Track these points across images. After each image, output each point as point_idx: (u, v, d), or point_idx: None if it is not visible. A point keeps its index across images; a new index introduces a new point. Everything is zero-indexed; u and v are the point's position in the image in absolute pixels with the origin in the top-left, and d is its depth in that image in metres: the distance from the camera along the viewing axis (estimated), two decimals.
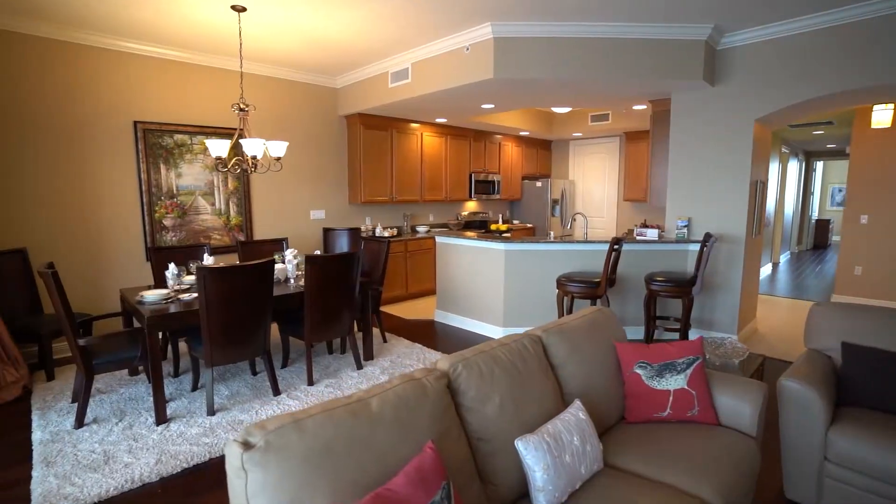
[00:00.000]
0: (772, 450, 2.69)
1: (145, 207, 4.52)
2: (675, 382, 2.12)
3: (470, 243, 4.98)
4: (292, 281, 3.79)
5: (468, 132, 7.32)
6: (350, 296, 3.67)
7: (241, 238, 5.23)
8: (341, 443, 1.25)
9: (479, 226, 7.87)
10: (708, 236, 4.20)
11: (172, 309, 3.01)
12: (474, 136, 7.46)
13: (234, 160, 3.68)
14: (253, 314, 3.11)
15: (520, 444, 1.54)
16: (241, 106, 3.65)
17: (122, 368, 3.02)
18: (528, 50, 4.09)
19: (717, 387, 2.17)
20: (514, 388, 1.76)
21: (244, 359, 3.20)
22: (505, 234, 5.09)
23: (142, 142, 4.44)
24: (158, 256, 3.93)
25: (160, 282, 3.84)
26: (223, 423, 2.98)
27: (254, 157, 3.58)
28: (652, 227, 5.13)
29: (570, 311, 4.19)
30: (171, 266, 3.37)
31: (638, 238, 4.78)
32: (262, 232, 5.40)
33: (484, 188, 7.65)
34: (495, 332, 4.82)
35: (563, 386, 2.03)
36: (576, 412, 1.77)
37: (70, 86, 4.11)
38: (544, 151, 8.96)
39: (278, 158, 3.82)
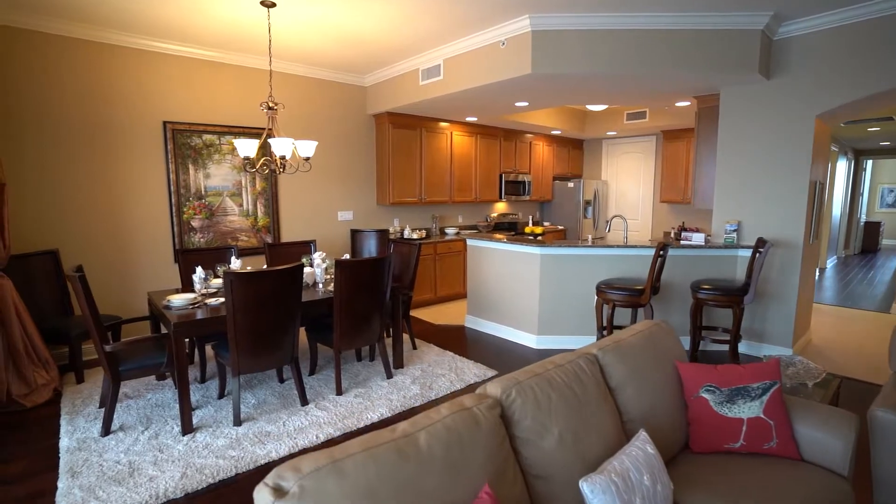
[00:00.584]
0: (858, 488, 2.41)
1: (174, 208, 4.47)
2: (749, 410, 1.88)
3: (503, 247, 4.78)
4: (321, 286, 3.66)
5: (498, 131, 7.11)
6: (381, 301, 3.52)
7: (269, 240, 5.15)
8: (386, 487, 1.08)
9: (508, 227, 7.65)
10: (762, 242, 3.90)
11: (199, 315, 2.91)
12: (504, 136, 7.24)
13: (262, 160, 3.57)
14: (281, 321, 2.98)
15: (585, 487, 1.34)
16: (270, 104, 3.54)
17: (149, 375, 2.93)
18: (567, 44, 3.86)
19: (797, 416, 1.92)
20: (572, 416, 1.56)
21: (272, 367, 3.07)
22: (539, 238, 4.86)
23: (171, 142, 4.39)
24: (186, 259, 3.86)
25: (188, 284, 3.77)
26: (249, 434, 2.86)
27: (282, 158, 3.46)
28: (691, 230, 4.83)
29: (610, 321, 3.95)
30: (199, 269, 3.28)
31: (682, 243, 4.50)
32: (289, 233, 5.32)
33: (514, 189, 7.43)
34: (529, 339, 4.60)
35: (623, 412, 1.82)
36: (643, 446, 1.55)
37: (99, 86, 4.08)
38: (576, 151, 8.68)
39: (307, 158, 3.70)
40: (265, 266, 4.19)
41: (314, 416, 3.09)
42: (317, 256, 4.09)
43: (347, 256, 3.86)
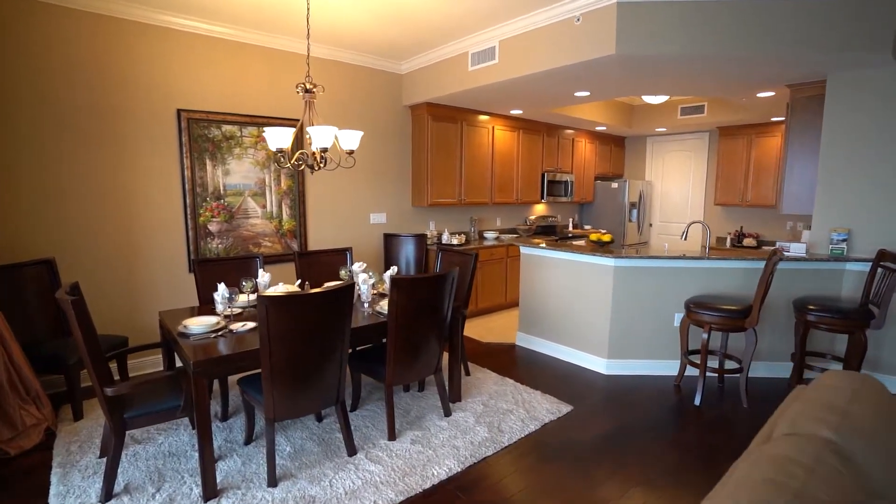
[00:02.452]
0: None
1: (188, 210, 3.87)
2: None
3: (567, 256, 4.14)
4: (366, 305, 3.05)
5: (541, 126, 6.47)
6: (441, 326, 2.90)
7: (295, 245, 4.54)
8: None
9: (548, 231, 7.01)
10: (884, 255, 3.25)
11: (223, 347, 2.30)
12: (547, 131, 6.61)
13: (297, 154, 2.96)
14: (327, 355, 2.37)
15: None
16: (308, 86, 2.92)
17: (161, 422, 2.32)
18: (660, 17, 3.23)
19: None
20: None
21: (314, 410, 2.46)
22: (607, 245, 4.23)
23: (185, 133, 3.79)
24: (204, 270, 3.26)
25: (205, 300, 3.17)
26: (289, 500, 2.24)
27: (322, 150, 2.85)
28: (750, 235, 4.17)
29: (705, 347, 3.30)
30: (221, 287, 2.67)
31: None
32: (316, 238, 4.71)
33: (555, 189, 6.79)
34: (597, 363, 3.97)
35: None
36: None
37: (104, 67, 3.48)
38: (618, 149, 8.03)
39: (351, 152, 3.09)
40: (297, 279, 3.59)
41: (366, 471, 2.47)
42: (357, 268, 3.47)
43: (394, 270, 3.25)
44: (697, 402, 3.35)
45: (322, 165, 2.94)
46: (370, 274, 3.30)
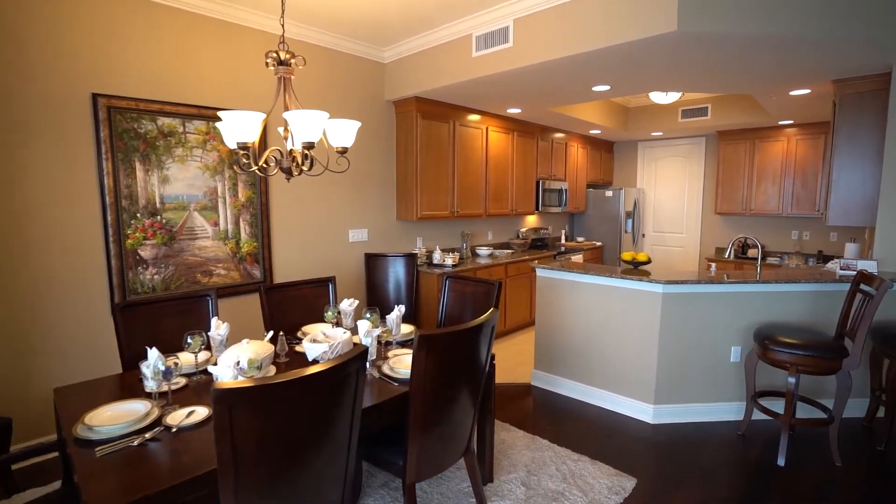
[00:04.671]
0: None
1: (110, 229, 2.86)
2: None
3: (597, 280, 3.43)
4: (368, 366, 2.18)
5: (535, 128, 5.80)
6: (477, 391, 2.08)
7: (257, 273, 3.59)
8: None
9: (542, 245, 6.33)
10: None
11: (151, 465, 1.39)
12: (541, 134, 5.95)
13: (268, 153, 2.07)
14: (320, 469, 1.50)
15: None
16: (282, 55, 2.05)
17: None
18: None
19: None
20: None
21: None
22: (643, 266, 3.55)
23: (105, 126, 2.80)
24: (130, 318, 2.29)
25: (132, 362, 2.19)
26: None
27: (307, 146, 1.98)
28: (753, 245, 3.66)
29: (792, 395, 2.66)
30: (152, 356, 1.72)
31: (841, 273, 3.30)
32: (284, 262, 3.77)
33: (550, 199, 6.13)
34: (641, 411, 3.26)
35: None
36: None
37: None
38: (607, 155, 7.51)
39: (344, 150, 2.23)
40: (265, 329, 2.68)
41: None
42: (347, 307, 2.61)
43: (401, 310, 2.41)
44: (781, 461, 2.69)
45: (305, 169, 2.07)
46: (369, 315, 2.43)
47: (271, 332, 2.18)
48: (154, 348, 1.73)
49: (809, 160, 5.67)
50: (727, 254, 5.65)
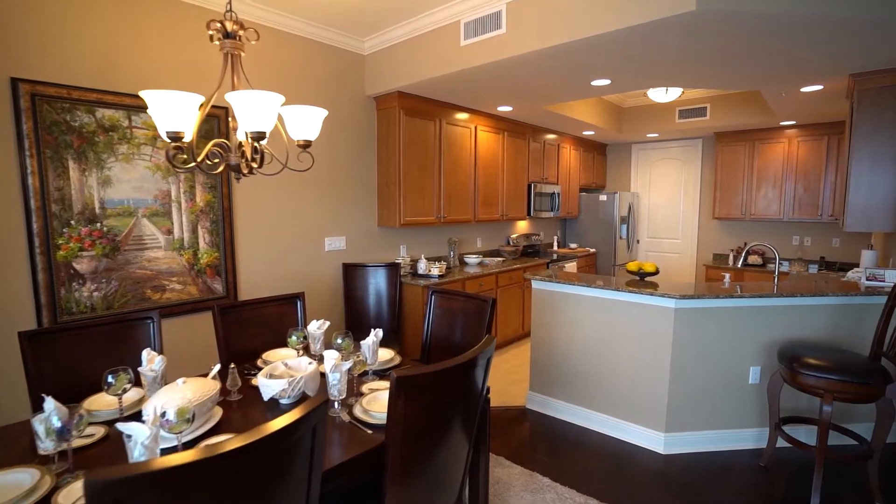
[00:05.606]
0: None
1: (36, 239, 2.44)
2: None
3: (600, 294, 3.08)
4: (336, 407, 1.78)
5: (527, 128, 5.47)
6: (470, 432, 1.70)
7: (219, 286, 3.17)
8: None
9: (534, 252, 6.00)
10: None
11: None
12: (533, 134, 5.62)
13: (211, 145, 1.68)
14: None
15: None
16: (228, 27, 1.67)
17: None
18: None
19: None
20: None
21: None
22: (650, 277, 3.22)
23: (28, 117, 2.37)
24: (45, 348, 1.87)
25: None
26: None
27: (256, 137, 1.60)
28: (757, 252, 3.38)
29: (826, 427, 2.33)
30: (48, 407, 1.31)
31: (868, 283, 3.00)
32: (251, 274, 3.36)
33: (542, 203, 5.80)
34: (651, 439, 2.91)
35: None
36: None
37: None
38: (600, 157, 7.22)
39: (307, 144, 1.85)
40: (218, 356, 2.28)
41: None
42: (315, 329, 2.22)
43: (378, 334, 2.03)
44: (816, 501, 2.36)
45: (256, 166, 1.69)
46: (341, 341, 2.04)
47: (218, 366, 1.78)
48: (50, 398, 1.33)
49: (811, 163, 5.43)
50: (738, 262, 5.31)
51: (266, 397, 1.76)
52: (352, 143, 3.95)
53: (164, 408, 1.37)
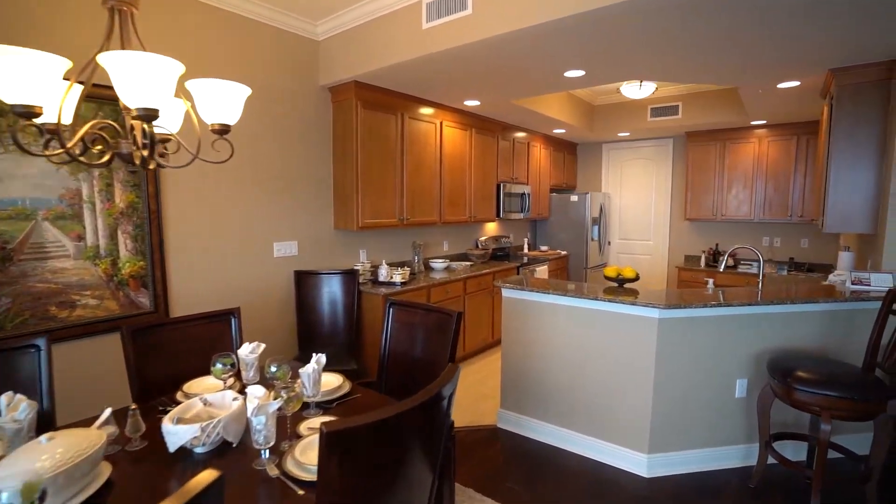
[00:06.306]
0: None
1: None
2: None
3: (578, 303, 2.82)
4: (265, 455, 1.43)
5: (495, 126, 5.21)
6: (427, 481, 1.39)
7: (145, 301, 2.74)
8: None
9: (504, 255, 5.74)
10: None
11: None
12: (502, 132, 5.36)
13: (89, 126, 1.30)
14: None
15: None
16: None
17: None
18: None
19: None
20: None
21: None
22: (629, 283, 2.98)
23: None
24: None
25: None
26: None
27: (146, 116, 1.23)
28: (728, 253, 3.24)
29: (825, 448, 2.13)
30: None
31: (851, 289, 2.85)
32: (184, 285, 2.94)
33: (511, 204, 5.55)
34: (633, 461, 2.66)
35: None
36: None
37: None
38: (570, 157, 7.03)
39: (225, 130, 1.50)
40: (128, 380, 1.89)
41: None
42: (247, 353, 1.87)
43: (320, 359, 1.69)
44: None
45: (146, 155, 1.32)
46: (276, 369, 1.69)
47: (109, 410, 1.40)
48: None
49: (781, 163, 5.37)
50: (721, 264, 5.25)
51: (171, 449, 1.39)
52: (305, 138, 3.57)
53: (2, 484, 0.99)
